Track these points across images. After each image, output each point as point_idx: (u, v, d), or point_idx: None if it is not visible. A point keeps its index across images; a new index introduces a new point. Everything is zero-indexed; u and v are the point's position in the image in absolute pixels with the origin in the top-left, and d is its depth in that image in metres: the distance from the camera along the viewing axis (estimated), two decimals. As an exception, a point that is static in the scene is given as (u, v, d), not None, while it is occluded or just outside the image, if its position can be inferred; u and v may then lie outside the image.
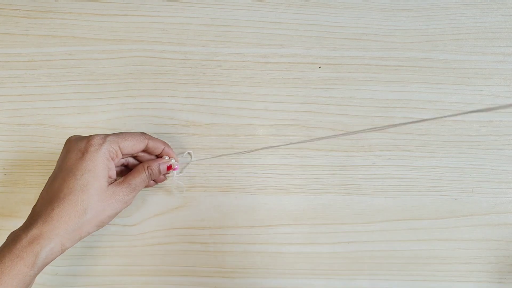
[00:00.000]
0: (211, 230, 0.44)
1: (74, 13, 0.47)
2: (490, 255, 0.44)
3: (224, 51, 0.47)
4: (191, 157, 0.45)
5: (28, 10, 0.48)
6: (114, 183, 0.37)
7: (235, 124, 0.45)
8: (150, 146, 0.40)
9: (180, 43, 0.47)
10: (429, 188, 0.44)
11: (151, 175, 0.40)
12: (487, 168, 0.45)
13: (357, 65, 0.46)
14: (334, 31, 0.47)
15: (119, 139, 0.37)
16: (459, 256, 0.44)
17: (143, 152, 0.41)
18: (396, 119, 0.46)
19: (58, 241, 0.33)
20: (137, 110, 0.46)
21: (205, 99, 0.46)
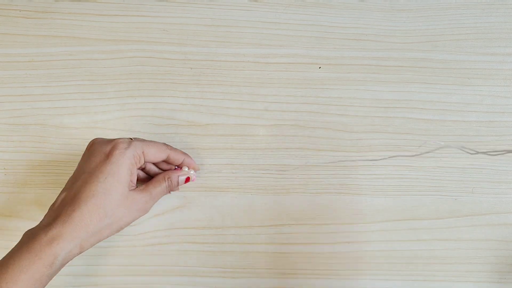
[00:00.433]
0: (211, 230, 0.44)
1: (74, 13, 0.47)
2: (490, 255, 0.44)
3: (224, 51, 0.47)
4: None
5: (28, 10, 0.48)
6: (135, 190, 0.37)
7: (235, 124, 0.45)
8: (171, 157, 0.40)
9: (180, 43, 0.47)
10: (429, 188, 0.44)
11: (169, 186, 0.41)
12: (487, 168, 0.45)
13: (357, 65, 0.46)
14: (334, 31, 0.47)
15: (144, 145, 0.38)
16: (459, 256, 0.44)
17: (164, 161, 0.41)
18: (396, 119, 0.46)
19: (77, 243, 0.33)
20: (137, 110, 0.46)
21: (205, 99, 0.46)
